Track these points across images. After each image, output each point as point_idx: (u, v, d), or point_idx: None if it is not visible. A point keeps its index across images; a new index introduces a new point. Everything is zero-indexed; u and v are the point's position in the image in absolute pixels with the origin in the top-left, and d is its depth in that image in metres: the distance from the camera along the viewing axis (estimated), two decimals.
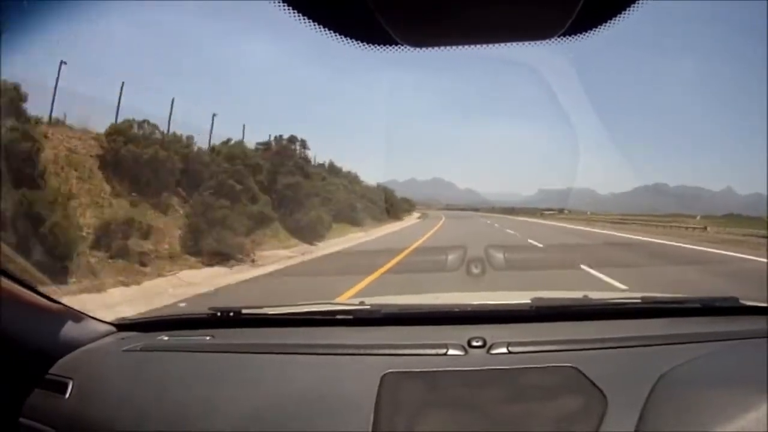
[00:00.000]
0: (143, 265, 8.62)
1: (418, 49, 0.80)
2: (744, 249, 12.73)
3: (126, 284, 7.54)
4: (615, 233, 20.31)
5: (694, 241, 16.17)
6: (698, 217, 34.50)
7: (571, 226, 26.84)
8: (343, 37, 0.78)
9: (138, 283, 7.74)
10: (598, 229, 24.16)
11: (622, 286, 6.17)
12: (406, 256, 9.74)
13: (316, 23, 0.76)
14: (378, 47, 0.79)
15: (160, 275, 8.38)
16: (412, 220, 30.93)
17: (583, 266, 8.24)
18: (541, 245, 12.86)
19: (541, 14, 0.75)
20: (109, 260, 8.39)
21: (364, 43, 0.79)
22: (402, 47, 0.79)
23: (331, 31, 0.77)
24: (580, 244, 14.86)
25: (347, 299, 1.82)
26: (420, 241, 13.73)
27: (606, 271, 7.44)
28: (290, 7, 0.74)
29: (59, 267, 7.10)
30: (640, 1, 0.74)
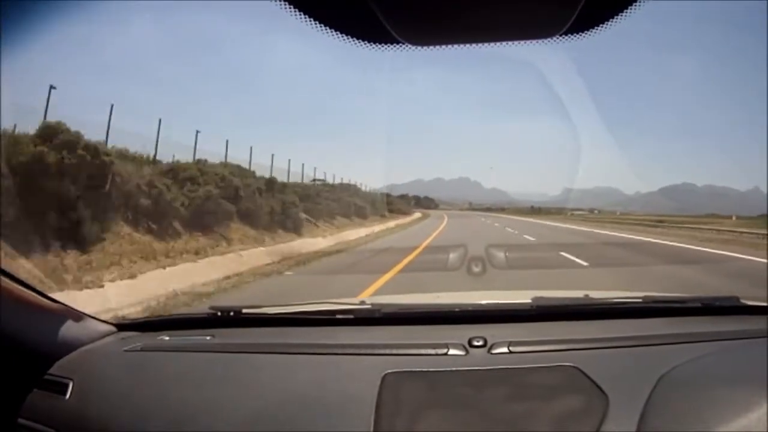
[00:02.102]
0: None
1: (418, 47, 0.79)
2: None
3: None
4: (716, 251, 12.47)
5: None
6: (734, 218, 33.40)
7: (633, 237, 18.21)
8: (343, 35, 0.77)
9: None
10: (662, 239, 16.79)
11: None
12: None
13: (317, 21, 0.75)
14: (378, 46, 0.78)
15: None
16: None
17: None
18: None
19: (542, 12, 0.73)
20: None
21: (364, 42, 0.77)
22: (402, 46, 0.78)
23: (331, 30, 0.76)
24: None
25: (348, 299, 1.82)
26: None
27: None
28: (293, 7, 0.73)
29: None
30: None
